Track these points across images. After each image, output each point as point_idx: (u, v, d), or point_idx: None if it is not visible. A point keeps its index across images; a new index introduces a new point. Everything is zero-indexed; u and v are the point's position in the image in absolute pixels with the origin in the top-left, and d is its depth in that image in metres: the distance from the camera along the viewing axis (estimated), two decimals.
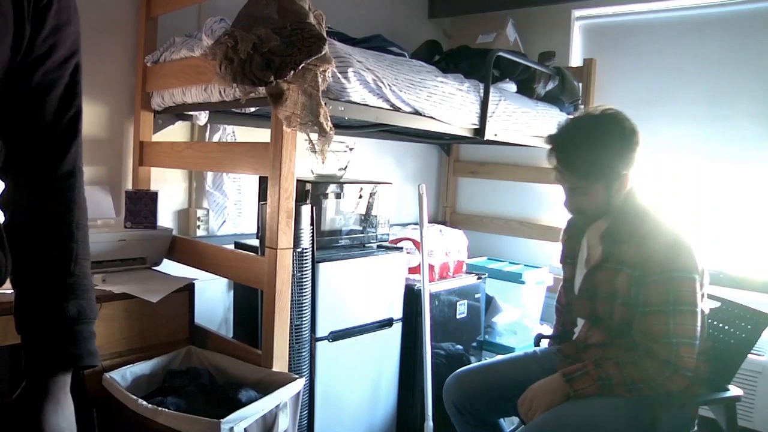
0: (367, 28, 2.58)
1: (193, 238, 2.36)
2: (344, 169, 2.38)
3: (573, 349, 1.73)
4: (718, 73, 2.76)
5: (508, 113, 2.45)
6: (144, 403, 1.46)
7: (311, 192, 2.11)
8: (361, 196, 2.32)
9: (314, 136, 1.56)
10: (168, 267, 2.12)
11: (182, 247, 2.10)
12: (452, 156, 3.62)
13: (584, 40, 3.20)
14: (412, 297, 2.37)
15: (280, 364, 1.73)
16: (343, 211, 2.27)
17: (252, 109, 2.09)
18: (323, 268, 2.02)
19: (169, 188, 2.38)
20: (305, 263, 1.85)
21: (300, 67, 1.47)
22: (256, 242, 2.13)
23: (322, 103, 1.53)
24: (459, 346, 2.60)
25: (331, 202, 2.21)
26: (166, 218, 2.37)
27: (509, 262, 3.16)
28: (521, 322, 2.87)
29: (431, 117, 2.11)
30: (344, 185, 2.26)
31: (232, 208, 2.53)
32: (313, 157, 1.60)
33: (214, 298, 2.52)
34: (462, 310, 2.61)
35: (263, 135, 2.06)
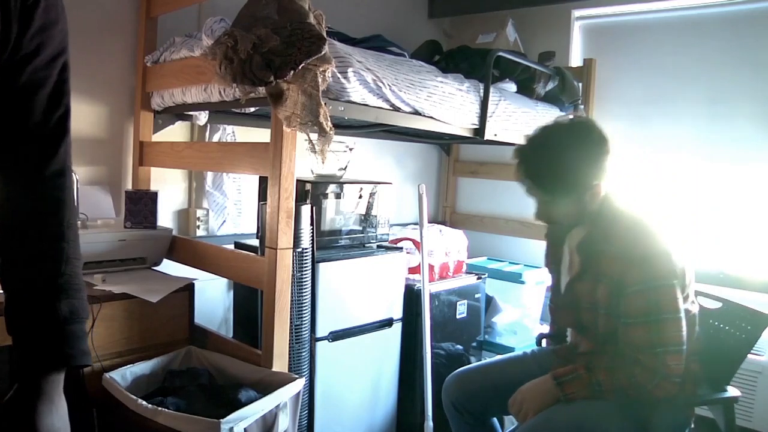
0: (367, 28, 2.58)
1: (193, 238, 2.36)
2: (344, 169, 2.38)
3: (567, 352, 1.73)
4: (718, 72, 2.76)
5: (508, 113, 2.45)
6: (144, 403, 1.46)
7: (311, 192, 2.11)
8: (361, 196, 2.32)
9: (314, 136, 1.56)
10: (168, 267, 2.12)
11: (182, 247, 2.10)
12: (452, 156, 3.62)
13: (584, 40, 3.20)
14: (412, 297, 2.37)
15: (280, 364, 1.73)
16: (343, 211, 2.27)
17: (252, 109, 2.09)
18: (323, 268, 2.02)
19: (169, 188, 2.38)
20: (305, 263, 1.85)
21: (300, 67, 1.47)
22: (256, 242, 2.13)
23: (322, 103, 1.53)
24: (459, 346, 2.60)
25: (331, 202, 2.21)
26: (166, 218, 2.37)
27: (509, 262, 3.16)
28: (521, 322, 2.87)
29: (431, 117, 2.11)
30: (344, 185, 2.26)
31: (232, 208, 2.53)
32: (313, 157, 1.60)
33: (214, 298, 2.52)
34: (462, 310, 2.61)
35: (263, 135, 2.06)
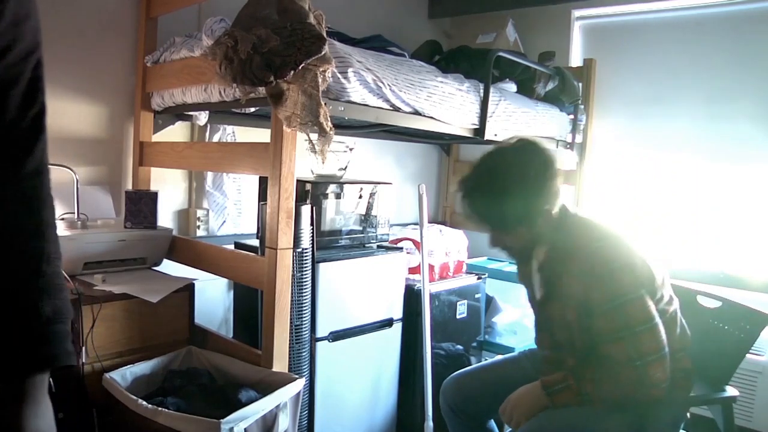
0: (367, 28, 2.58)
1: (193, 238, 2.36)
2: (344, 169, 2.38)
3: (556, 359, 1.70)
4: (718, 72, 2.76)
5: (508, 113, 2.45)
6: (144, 403, 1.46)
7: (311, 192, 2.11)
8: (361, 196, 2.32)
9: (314, 136, 1.56)
10: (168, 267, 2.12)
11: (182, 247, 2.10)
12: (452, 156, 3.62)
13: (584, 40, 3.20)
14: (412, 297, 2.37)
15: (280, 364, 1.73)
16: (343, 211, 2.27)
17: (252, 110, 2.09)
18: (323, 268, 2.02)
19: (169, 188, 2.38)
20: (305, 263, 1.85)
21: (300, 67, 1.47)
22: (256, 242, 2.13)
23: (322, 103, 1.53)
24: (459, 347, 2.60)
25: (331, 202, 2.21)
26: (166, 218, 2.37)
27: (509, 262, 3.16)
28: (521, 322, 2.87)
29: (431, 117, 2.11)
30: (344, 185, 2.26)
31: (232, 208, 2.53)
32: (313, 157, 1.60)
33: (214, 299, 2.52)
34: (462, 310, 2.61)
35: (263, 135, 2.06)
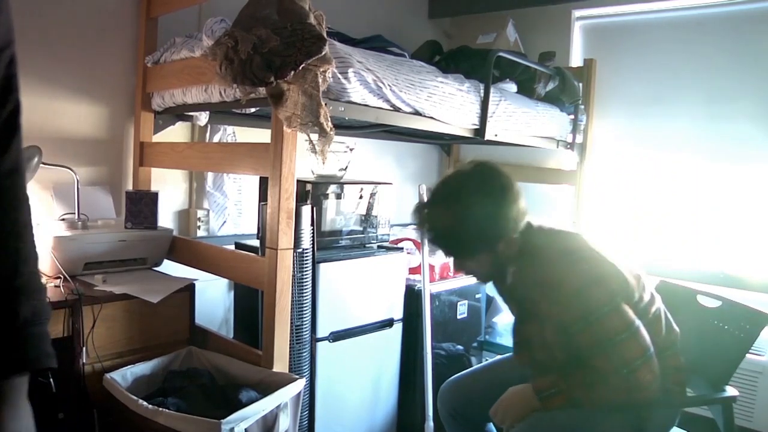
0: (367, 29, 2.58)
1: (194, 239, 2.36)
2: (344, 169, 2.38)
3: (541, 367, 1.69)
4: (719, 72, 2.76)
5: (508, 113, 2.45)
6: (144, 403, 1.46)
7: (311, 192, 2.11)
8: (361, 197, 2.32)
9: (314, 137, 1.56)
10: (168, 267, 2.12)
11: (183, 248, 2.10)
12: (452, 156, 3.62)
13: (584, 41, 3.20)
14: (412, 297, 2.37)
15: (281, 364, 1.73)
16: (344, 212, 2.27)
17: (252, 110, 2.09)
18: (324, 268, 2.02)
19: (170, 189, 2.38)
20: (305, 264, 1.85)
21: (300, 68, 1.47)
22: (256, 243, 2.13)
23: (323, 103, 1.53)
24: (459, 347, 2.60)
25: (331, 202, 2.21)
26: (166, 219, 2.37)
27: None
28: None
29: (431, 117, 2.11)
30: (344, 185, 2.26)
31: (233, 209, 2.53)
32: (313, 157, 1.60)
33: (215, 299, 2.52)
34: (462, 310, 2.61)
35: (263, 135, 2.06)
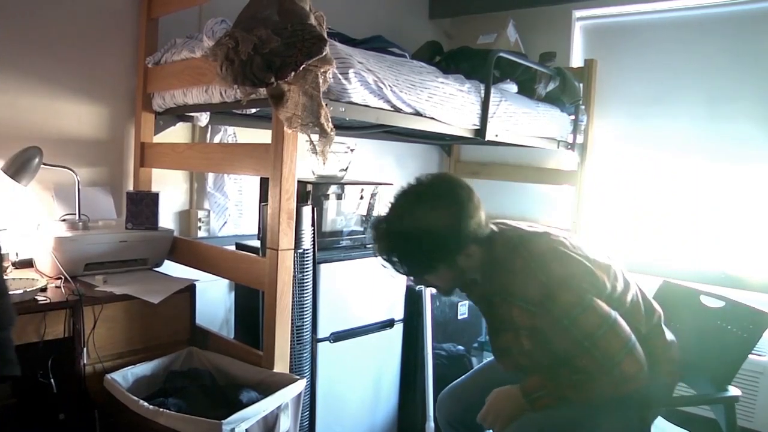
0: (367, 29, 2.57)
1: (195, 239, 2.36)
2: (345, 169, 2.38)
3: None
4: (719, 72, 2.76)
5: (509, 114, 2.45)
6: (145, 404, 1.46)
7: (312, 193, 2.11)
8: (362, 197, 2.33)
9: (315, 137, 1.56)
10: (169, 268, 2.12)
11: (183, 248, 2.10)
12: (453, 157, 3.62)
13: (585, 41, 3.20)
14: (413, 298, 2.37)
15: (282, 365, 1.73)
16: (344, 212, 2.27)
17: (253, 110, 2.09)
18: (324, 269, 2.02)
19: (170, 189, 2.39)
20: (306, 264, 1.85)
21: (301, 68, 1.47)
22: (257, 243, 2.13)
23: (323, 104, 1.53)
24: (460, 347, 2.60)
25: (332, 202, 2.21)
26: (167, 219, 2.37)
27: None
28: None
29: (432, 118, 2.11)
30: (345, 186, 2.26)
31: (233, 209, 2.53)
32: (314, 158, 1.60)
33: (216, 299, 2.52)
34: (463, 311, 2.61)
35: (264, 136, 2.06)
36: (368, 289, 2.21)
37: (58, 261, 1.78)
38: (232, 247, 2.24)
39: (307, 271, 1.85)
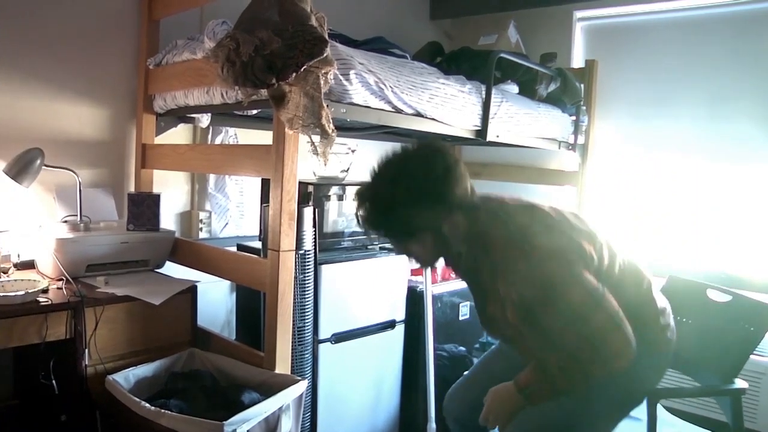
0: (368, 30, 2.57)
1: (196, 241, 2.36)
2: (346, 170, 2.38)
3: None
4: (719, 73, 2.76)
5: (510, 114, 2.45)
6: (147, 405, 1.46)
7: (313, 194, 2.11)
8: None
9: (316, 138, 1.56)
10: (170, 269, 2.12)
11: (185, 250, 2.10)
12: None
13: (586, 41, 3.20)
14: (414, 299, 2.37)
15: (283, 366, 1.73)
16: (346, 213, 2.27)
17: (254, 112, 2.09)
18: (325, 270, 2.02)
19: (172, 190, 2.39)
20: (307, 265, 1.85)
21: (302, 69, 1.47)
22: (258, 244, 2.13)
23: (324, 105, 1.53)
24: (461, 348, 2.60)
25: (333, 204, 2.21)
26: (168, 220, 2.37)
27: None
28: None
29: (433, 119, 2.11)
30: (346, 187, 2.26)
31: (235, 211, 2.53)
32: (315, 159, 1.60)
33: (217, 301, 2.52)
34: (464, 311, 2.61)
35: (265, 137, 2.06)
36: (369, 290, 2.21)
37: (59, 262, 1.78)
38: (234, 249, 2.25)
39: (308, 272, 1.85)
